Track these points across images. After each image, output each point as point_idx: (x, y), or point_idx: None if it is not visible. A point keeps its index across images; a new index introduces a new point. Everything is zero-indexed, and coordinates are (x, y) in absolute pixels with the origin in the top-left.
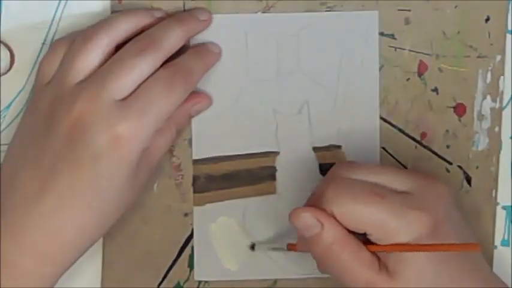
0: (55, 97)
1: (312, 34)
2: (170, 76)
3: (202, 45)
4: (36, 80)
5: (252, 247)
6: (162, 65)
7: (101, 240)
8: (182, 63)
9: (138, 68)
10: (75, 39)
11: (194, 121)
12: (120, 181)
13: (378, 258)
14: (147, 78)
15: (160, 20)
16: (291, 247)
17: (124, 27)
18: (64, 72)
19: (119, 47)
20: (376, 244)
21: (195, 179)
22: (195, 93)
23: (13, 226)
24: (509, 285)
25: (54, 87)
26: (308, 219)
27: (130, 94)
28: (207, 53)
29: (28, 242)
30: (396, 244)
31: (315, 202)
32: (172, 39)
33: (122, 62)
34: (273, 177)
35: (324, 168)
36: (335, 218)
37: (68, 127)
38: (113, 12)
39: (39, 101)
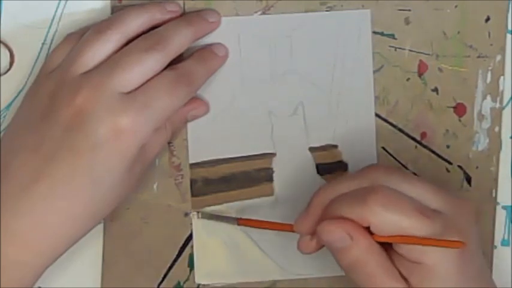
0: (58, 84)
1: (305, 35)
2: (175, 77)
3: (208, 49)
4: (41, 69)
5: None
6: (167, 66)
7: (101, 240)
8: (188, 66)
9: (144, 64)
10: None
11: (190, 125)
12: (116, 175)
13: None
14: (153, 77)
15: (172, 13)
16: (242, 222)
17: (136, 23)
18: (71, 61)
19: (128, 42)
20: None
21: (193, 182)
22: (193, 99)
23: (1, 212)
24: (509, 285)
25: (59, 74)
26: (338, 233)
27: (135, 89)
28: (212, 58)
29: (16, 230)
30: (400, 236)
31: (348, 203)
32: (180, 39)
33: (128, 56)
34: (270, 179)
35: (321, 168)
36: (362, 227)
37: (70, 115)
38: (113, 11)
39: (41, 87)
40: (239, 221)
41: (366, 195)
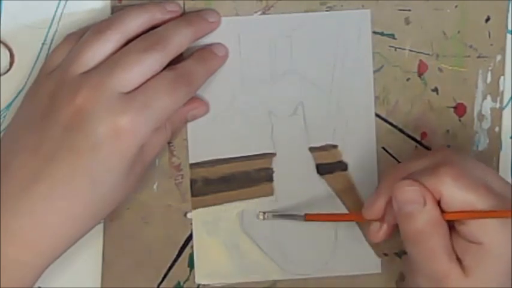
0: (58, 84)
1: (305, 35)
2: (175, 77)
3: (208, 49)
4: (41, 69)
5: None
6: (167, 66)
7: (101, 240)
8: (187, 66)
9: (144, 64)
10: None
11: (190, 125)
12: (116, 175)
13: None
14: (152, 77)
15: (172, 13)
16: (309, 217)
17: (135, 23)
18: (70, 61)
19: (128, 42)
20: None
21: (193, 182)
22: (193, 99)
23: (1, 212)
24: (509, 285)
25: (59, 74)
26: (414, 193)
27: (135, 89)
28: (212, 58)
29: (16, 230)
30: (468, 211)
31: (420, 176)
32: (179, 39)
33: (128, 55)
34: (270, 179)
35: (321, 168)
36: (435, 199)
37: (70, 115)
38: (113, 11)
39: (41, 87)
40: (306, 217)
41: (438, 166)
